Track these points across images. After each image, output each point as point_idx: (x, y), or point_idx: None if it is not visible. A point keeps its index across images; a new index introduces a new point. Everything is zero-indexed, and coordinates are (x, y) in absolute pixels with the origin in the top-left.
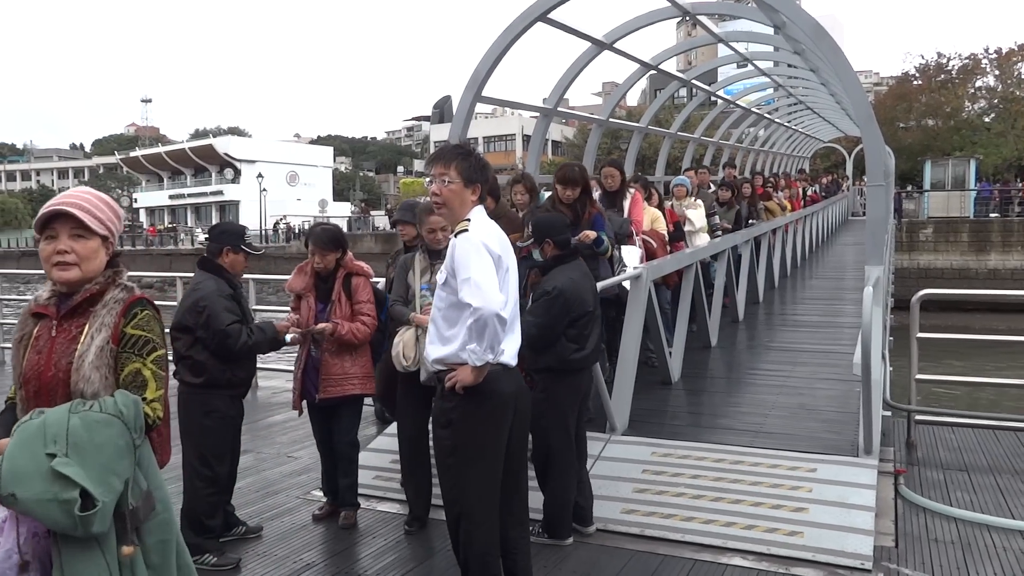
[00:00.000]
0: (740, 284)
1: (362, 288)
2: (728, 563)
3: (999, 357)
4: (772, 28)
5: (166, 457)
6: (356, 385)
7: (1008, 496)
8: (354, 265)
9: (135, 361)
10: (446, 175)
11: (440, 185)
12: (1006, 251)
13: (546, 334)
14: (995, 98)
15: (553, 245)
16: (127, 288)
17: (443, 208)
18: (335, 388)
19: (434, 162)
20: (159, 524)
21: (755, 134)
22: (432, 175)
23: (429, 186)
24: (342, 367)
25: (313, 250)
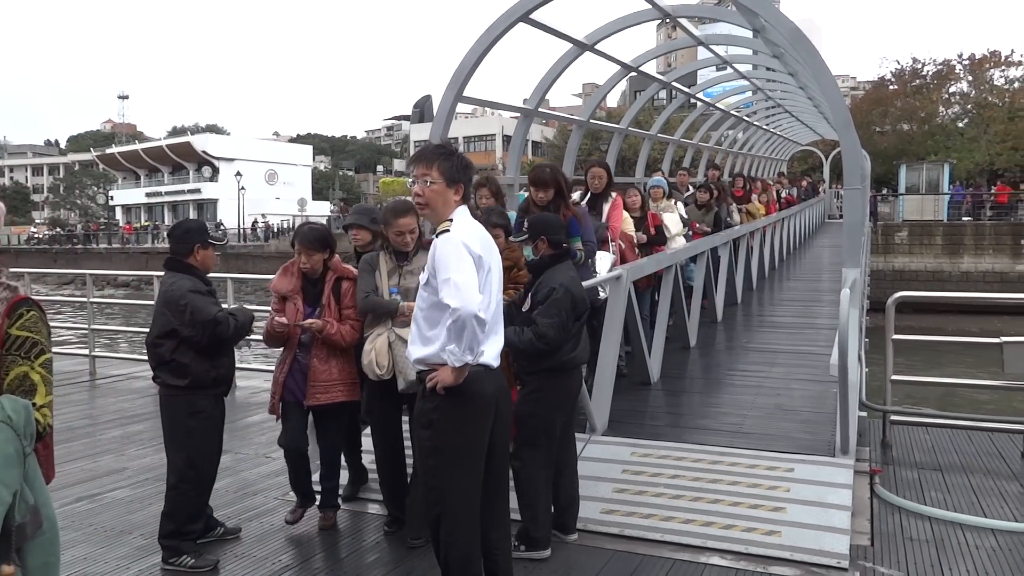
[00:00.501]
0: (719, 286)
1: (351, 291)
2: (707, 563)
3: (972, 358)
4: (752, 32)
5: (51, 472)
6: (342, 392)
7: (981, 495)
8: (343, 268)
9: (22, 364)
10: (428, 176)
11: (422, 186)
12: (978, 254)
13: (562, 335)
14: (968, 104)
15: (548, 243)
16: (10, 288)
17: (426, 209)
18: (323, 395)
19: (416, 162)
20: (44, 544)
21: (734, 136)
22: (414, 176)
23: (412, 187)
24: (330, 373)
25: (300, 250)
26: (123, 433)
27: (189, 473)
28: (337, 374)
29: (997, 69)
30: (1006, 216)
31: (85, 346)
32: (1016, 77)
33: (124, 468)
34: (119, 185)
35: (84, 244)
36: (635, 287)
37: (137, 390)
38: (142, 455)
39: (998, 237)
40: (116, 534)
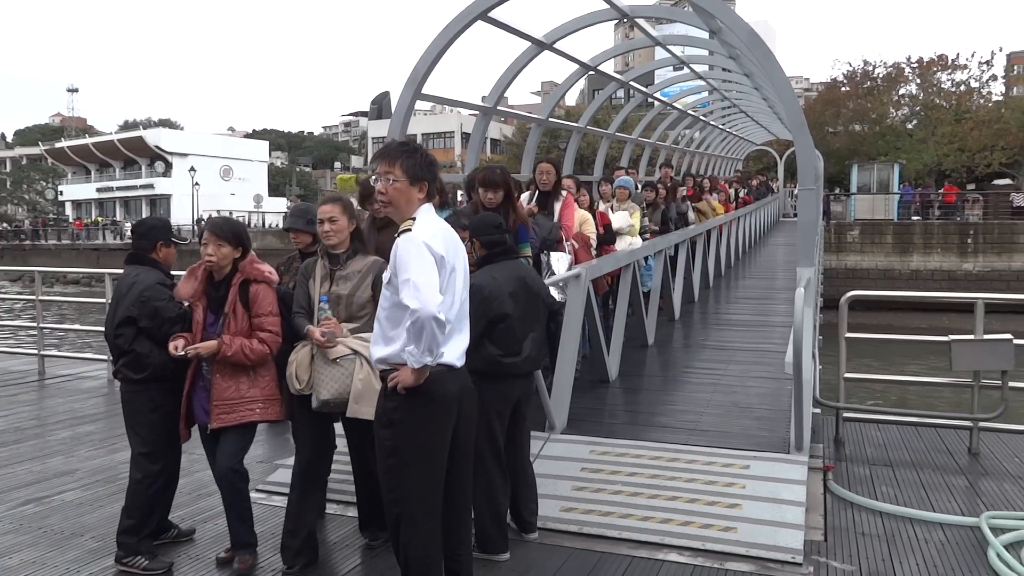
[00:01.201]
0: (676, 284)
1: (263, 297)
2: (665, 559)
3: (922, 356)
4: (708, 33)
5: None
6: (256, 411)
7: (929, 490)
8: (254, 269)
9: None
10: (391, 173)
11: (385, 183)
12: (927, 253)
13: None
14: (917, 106)
15: (479, 244)
16: None
17: (389, 207)
18: (229, 415)
19: (379, 160)
20: None
21: (691, 136)
22: (377, 173)
23: (375, 183)
24: (237, 389)
25: (206, 238)
26: (73, 434)
27: (151, 468)
28: (248, 389)
29: (944, 72)
30: (953, 216)
31: (34, 345)
32: (962, 80)
33: (75, 470)
34: (68, 180)
35: (32, 240)
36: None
37: (87, 390)
38: (93, 456)
39: (946, 236)
40: (67, 537)
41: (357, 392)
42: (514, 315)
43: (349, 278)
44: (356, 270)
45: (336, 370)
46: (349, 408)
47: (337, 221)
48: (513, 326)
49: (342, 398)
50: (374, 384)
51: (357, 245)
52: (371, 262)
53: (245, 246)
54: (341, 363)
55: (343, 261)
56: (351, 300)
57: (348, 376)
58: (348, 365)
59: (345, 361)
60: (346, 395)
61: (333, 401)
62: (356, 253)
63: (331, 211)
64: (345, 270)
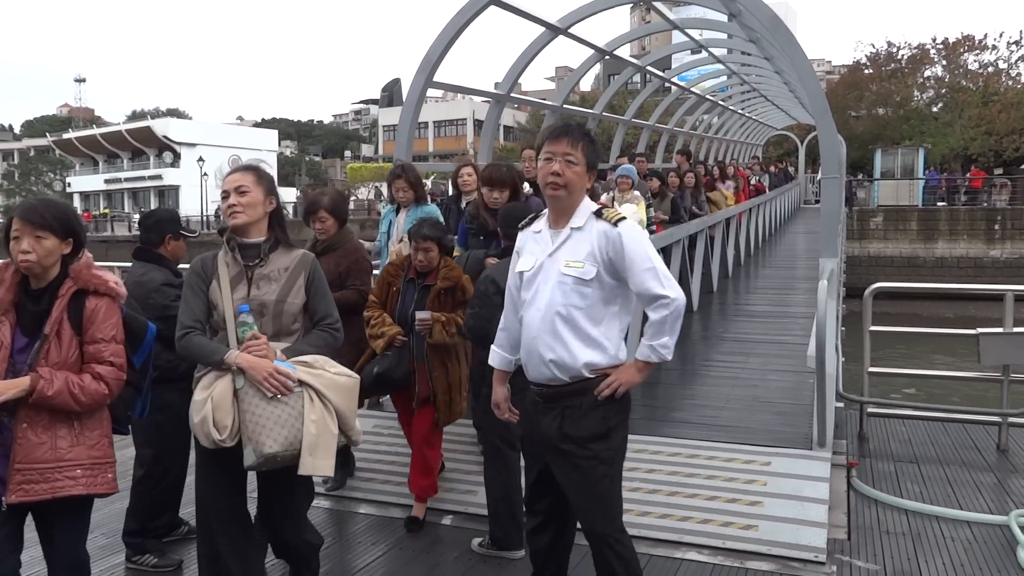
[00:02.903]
0: (695, 274)
1: (105, 316)
2: (683, 558)
3: (948, 347)
4: (727, 15)
5: None
6: (79, 481)
7: (956, 487)
8: (93, 276)
9: None
10: (572, 155)
11: (563, 165)
12: (953, 239)
13: (483, 325)
14: (943, 88)
15: (503, 235)
16: None
17: (561, 190)
18: (37, 485)
19: (558, 138)
20: None
21: (709, 121)
22: (552, 152)
23: (537, 162)
24: (54, 448)
25: (18, 229)
26: None
27: (156, 468)
28: (68, 450)
29: (971, 53)
30: (980, 201)
31: None
32: (989, 61)
33: None
34: (76, 171)
35: None
36: None
37: None
38: None
39: (972, 222)
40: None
41: (312, 440)
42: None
43: (273, 278)
44: (281, 267)
45: (280, 410)
46: (303, 463)
47: (248, 193)
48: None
49: (293, 449)
50: (330, 427)
51: (279, 234)
52: (299, 257)
53: (77, 238)
54: (285, 400)
55: (263, 254)
56: (280, 309)
57: (297, 418)
58: (295, 403)
59: (291, 397)
60: (297, 445)
61: (282, 455)
62: (278, 245)
63: (240, 179)
64: (267, 267)
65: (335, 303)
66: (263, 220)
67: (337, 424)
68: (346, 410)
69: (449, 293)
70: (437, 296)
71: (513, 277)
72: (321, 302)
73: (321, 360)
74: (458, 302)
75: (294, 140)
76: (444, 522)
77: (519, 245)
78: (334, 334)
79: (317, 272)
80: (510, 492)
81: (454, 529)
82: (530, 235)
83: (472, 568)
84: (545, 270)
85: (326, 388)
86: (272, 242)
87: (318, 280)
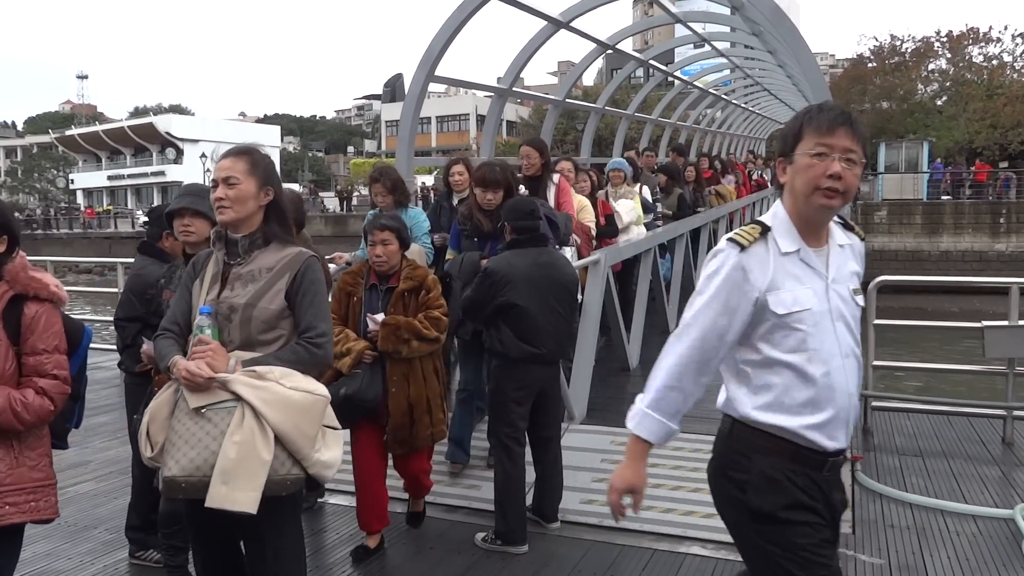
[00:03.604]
0: (699, 267)
1: (46, 324)
2: (687, 552)
3: (952, 341)
4: (730, 9)
5: None
6: (20, 507)
7: (961, 481)
8: (32, 280)
9: None
10: (854, 152)
11: (844, 165)
12: (958, 233)
13: (472, 309)
14: (947, 81)
15: (509, 229)
16: None
17: (838, 199)
18: None
19: (836, 128)
20: None
21: (712, 115)
22: (828, 146)
23: (808, 158)
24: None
25: None
26: (86, 425)
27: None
28: (5, 472)
29: (975, 46)
30: (985, 195)
31: None
32: (994, 54)
33: (88, 461)
34: (79, 168)
35: (44, 229)
36: None
37: (100, 380)
38: (106, 447)
39: (977, 216)
40: (80, 529)
41: (228, 466)
42: (528, 303)
43: (251, 278)
44: (264, 267)
45: (199, 427)
46: (211, 493)
47: (237, 184)
48: (529, 313)
49: (200, 475)
50: (259, 452)
51: (273, 229)
52: (289, 257)
53: (12, 235)
54: (209, 415)
55: (244, 251)
56: (250, 314)
57: (216, 439)
58: (219, 419)
59: (216, 412)
60: (207, 470)
61: (184, 480)
62: (269, 241)
63: (229, 168)
64: (245, 265)
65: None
66: (256, 214)
67: (273, 450)
68: (295, 433)
69: (413, 295)
70: (400, 299)
71: (720, 320)
72: (307, 310)
73: (278, 372)
74: (422, 304)
75: (297, 136)
76: (448, 517)
77: (760, 274)
78: (313, 350)
79: (308, 275)
80: (515, 487)
81: (458, 524)
82: (775, 258)
83: (476, 563)
84: (833, 303)
85: (266, 404)
86: (259, 238)
87: (308, 284)
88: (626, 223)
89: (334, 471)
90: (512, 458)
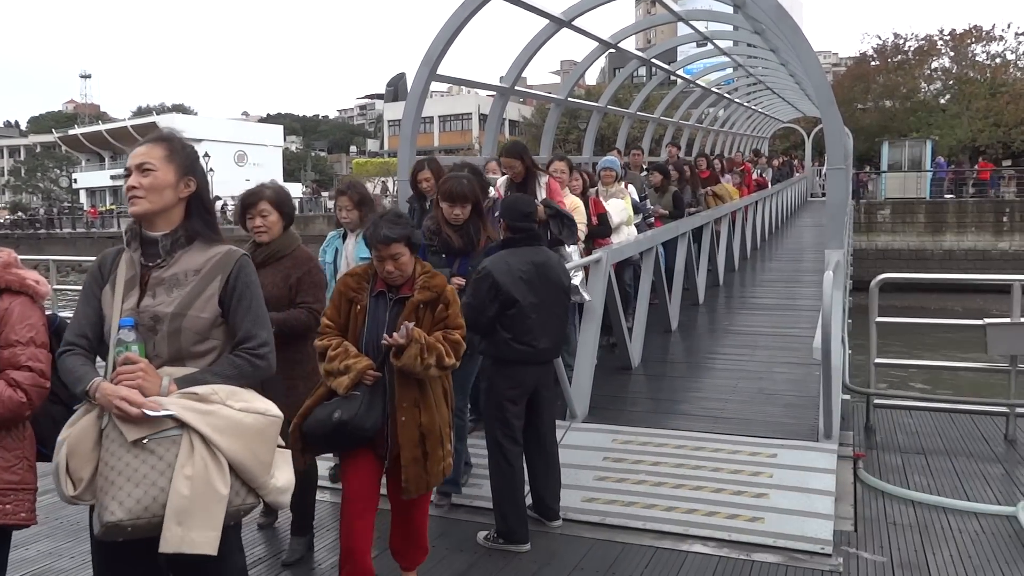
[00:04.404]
0: (701, 267)
1: (20, 316)
2: (689, 550)
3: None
4: (732, 7)
5: None
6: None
7: (964, 479)
8: (6, 273)
9: None
10: None
11: None
12: (961, 232)
13: (475, 315)
14: (950, 79)
15: (505, 227)
16: None
17: None
18: None
19: None
20: None
21: (715, 114)
22: None
23: None
24: None
25: None
26: None
27: None
28: None
29: (979, 44)
30: (988, 193)
31: None
32: (997, 52)
33: None
34: (83, 167)
35: (47, 229)
36: None
37: None
38: None
39: (980, 214)
40: (83, 528)
41: (181, 504)
42: (525, 302)
43: (175, 283)
44: (190, 269)
45: (141, 461)
46: (166, 536)
47: (152, 172)
48: (525, 312)
49: (150, 516)
50: (215, 486)
51: (196, 225)
52: (218, 256)
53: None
54: (151, 446)
55: (165, 252)
56: (178, 325)
57: (163, 473)
58: (164, 451)
59: (159, 443)
60: (156, 510)
61: (131, 523)
62: (192, 239)
63: (144, 155)
64: (168, 268)
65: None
66: (175, 208)
67: (229, 482)
68: (250, 460)
69: (429, 308)
70: (415, 311)
71: None
72: (244, 317)
73: (223, 393)
74: (439, 320)
75: (299, 135)
76: (449, 515)
77: None
78: (254, 361)
79: (243, 276)
80: (514, 486)
81: (460, 522)
82: None
83: (478, 561)
84: None
85: (217, 432)
86: (182, 236)
87: (243, 287)
88: (616, 224)
89: (289, 495)
90: (508, 457)
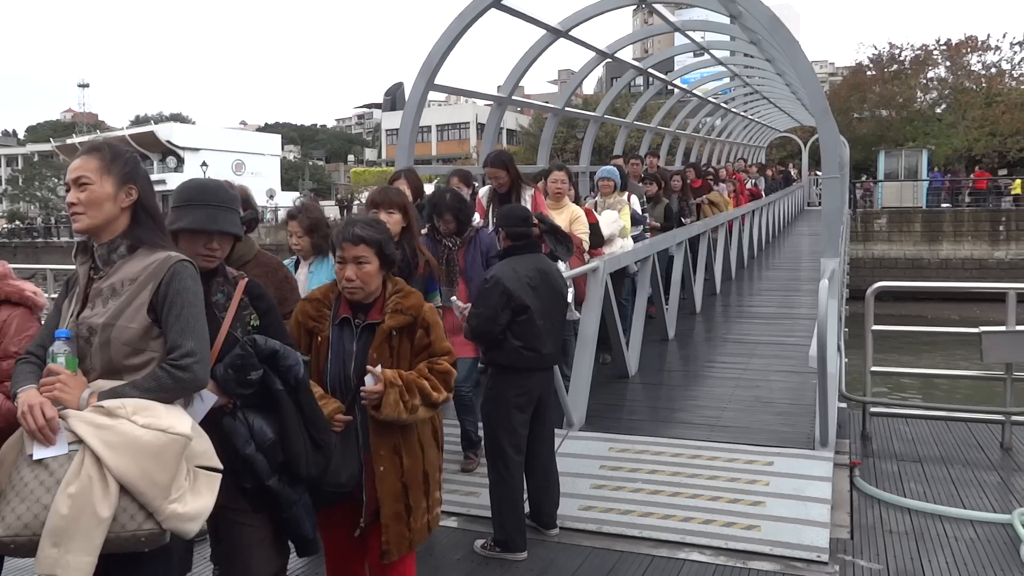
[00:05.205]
0: (698, 276)
1: (18, 327)
2: (686, 558)
3: (951, 347)
4: (728, 17)
5: None
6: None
7: (959, 486)
8: (5, 285)
9: None
10: None
11: None
12: (957, 241)
13: (487, 325)
14: (946, 89)
15: (504, 235)
16: None
17: None
18: None
19: None
20: None
21: (712, 124)
22: None
23: None
24: None
25: None
26: None
27: None
28: None
29: (974, 54)
30: (984, 202)
31: None
32: (993, 62)
33: None
34: None
35: (44, 238)
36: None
37: None
38: None
39: (976, 223)
40: None
41: (58, 524)
42: (534, 308)
43: (112, 293)
44: (127, 278)
45: (34, 476)
46: (40, 556)
47: (89, 186)
48: (534, 319)
49: (28, 534)
50: (95, 507)
51: (139, 233)
52: (156, 263)
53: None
54: (47, 461)
55: (103, 262)
56: (108, 336)
57: (50, 490)
58: (57, 467)
59: (56, 460)
60: (36, 528)
61: (11, 540)
62: (135, 248)
63: (80, 168)
64: (107, 279)
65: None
66: (119, 218)
67: (115, 503)
68: (141, 481)
69: (404, 336)
70: (386, 341)
71: None
72: (173, 326)
73: (131, 407)
74: (419, 349)
75: (297, 144)
76: (447, 524)
77: None
78: (177, 374)
79: (175, 283)
80: (513, 494)
81: (457, 531)
82: None
83: (475, 570)
84: None
85: (108, 448)
86: (121, 245)
87: (174, 294)
88: (607, 235)
89: (199, 524)
90: (509, 466)
